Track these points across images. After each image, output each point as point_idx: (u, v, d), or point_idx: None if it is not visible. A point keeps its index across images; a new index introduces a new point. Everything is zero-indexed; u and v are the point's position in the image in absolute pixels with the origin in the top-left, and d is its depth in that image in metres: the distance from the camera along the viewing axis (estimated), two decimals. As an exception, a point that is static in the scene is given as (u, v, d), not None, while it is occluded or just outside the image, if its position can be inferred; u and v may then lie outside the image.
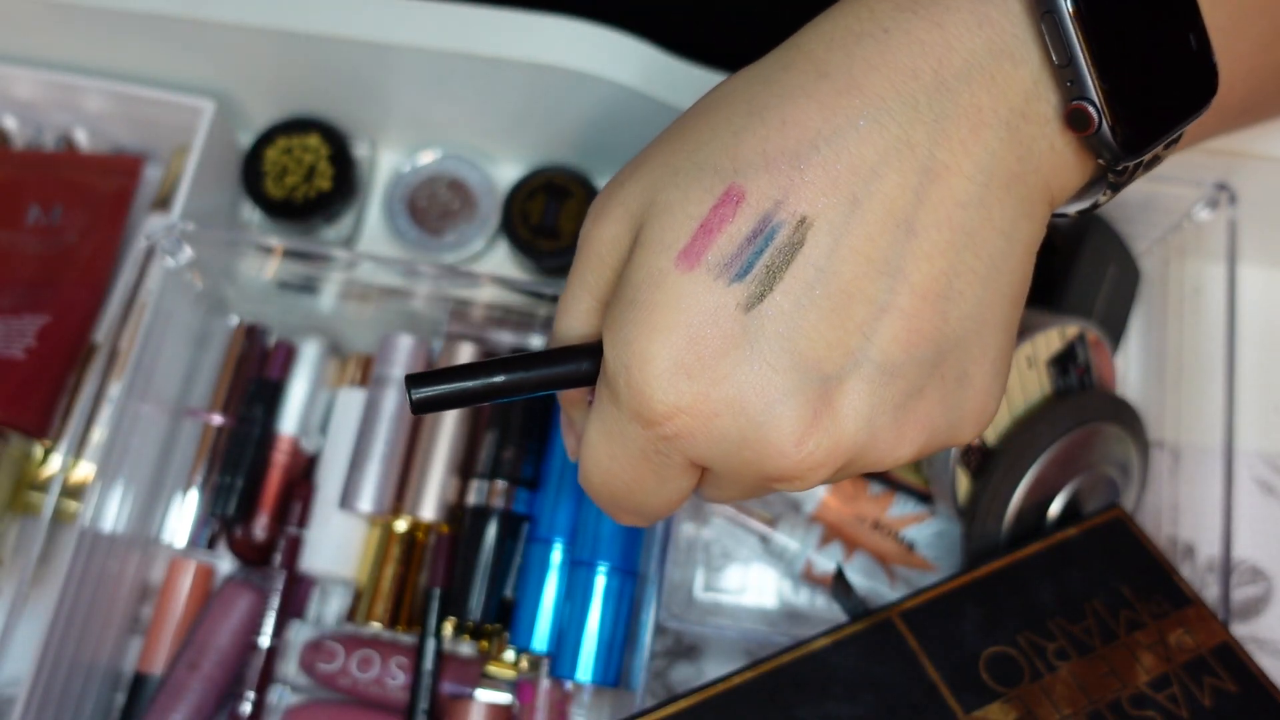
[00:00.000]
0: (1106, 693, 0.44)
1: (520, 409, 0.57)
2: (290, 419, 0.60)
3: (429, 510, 0.56)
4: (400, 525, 0.57)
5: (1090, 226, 0.58)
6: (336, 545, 0.57)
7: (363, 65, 0.60)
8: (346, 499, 0.57)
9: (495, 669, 0.56)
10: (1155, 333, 0.61)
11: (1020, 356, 0.51)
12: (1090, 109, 0.30)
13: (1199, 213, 0.57)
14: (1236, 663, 0.46)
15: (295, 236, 0.64)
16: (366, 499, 0.56)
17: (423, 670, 0.54)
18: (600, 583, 0.53)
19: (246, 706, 0.55)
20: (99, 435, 0.57)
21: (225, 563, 0.60)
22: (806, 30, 0.33)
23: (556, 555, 0.55)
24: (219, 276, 0.59)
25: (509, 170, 0.67)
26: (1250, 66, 0.37)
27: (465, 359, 0.58)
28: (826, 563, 0.56)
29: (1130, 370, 0.63)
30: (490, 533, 0.56)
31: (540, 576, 0.55)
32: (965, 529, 0.52)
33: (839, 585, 0.46)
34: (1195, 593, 0.48)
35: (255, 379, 0.60)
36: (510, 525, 0.56)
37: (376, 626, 0.56)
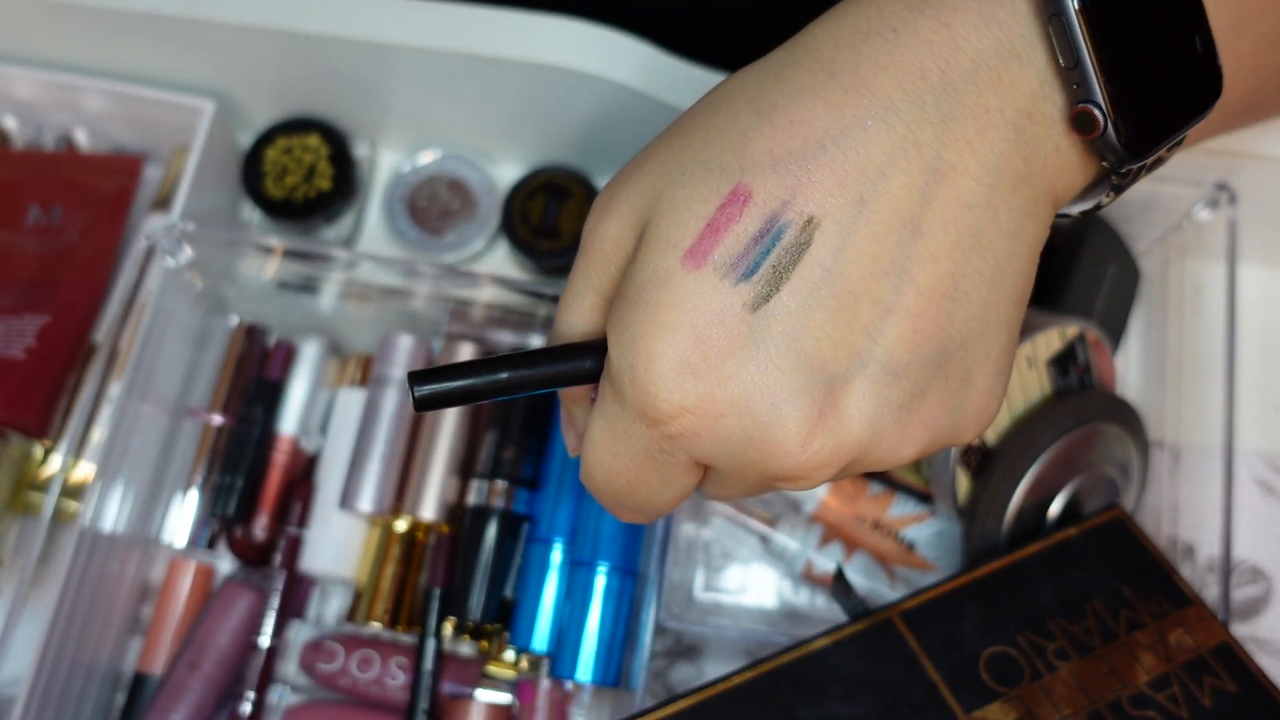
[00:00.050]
0: (1106, 693, 0.44)
1: (520, 409, 0.57)
2: (290, 419, 0.60)
3: (429, 510, 0.56)
4: (400, 525, 0.57)
5: (1090, 226, 0.58)
6: (336, 545, 0.57)
7: (363, 65, 0.60)
8: (346, 499, 0.57)
9: (495, 669, 0.56)
10: (1155, 333, 0.61)
11: (1020, 356, 0.51)
12: (1096, 112, 0.30)
13: (1199, 213, 0.57)
14: (1236, 663, 0.46)
15: (295, 236, 0.64)
16: (366, 499, 0.56)
17: (423, 670, 0.54)
18: (600, 583, 0.53)
19: (246, 706, 0.55)
20: (99, 435, 0.57)
21: (225, 563, 0.60)
22: (813, 28, 0.33)
23: (556, 555, 0.55)
24: (219, 276, 0.59)
25: (509, 170, 0.67)
26: (1252, 66, 0.37)
27: (466, 358, 0.58)
28: (826, 563, 0.56)
29: (1130, 370, 0.63)
30: (490, 533, 0.56)
31: (540, 576, 0.55)
32: (965, 529, 0.52)
33: (839, 585, 0.46)
34: (1195, 593, 0.48)
35: (255, 379, 0.60)
36: (510, 525, 0.56)
37: (376, 626, 0.56)
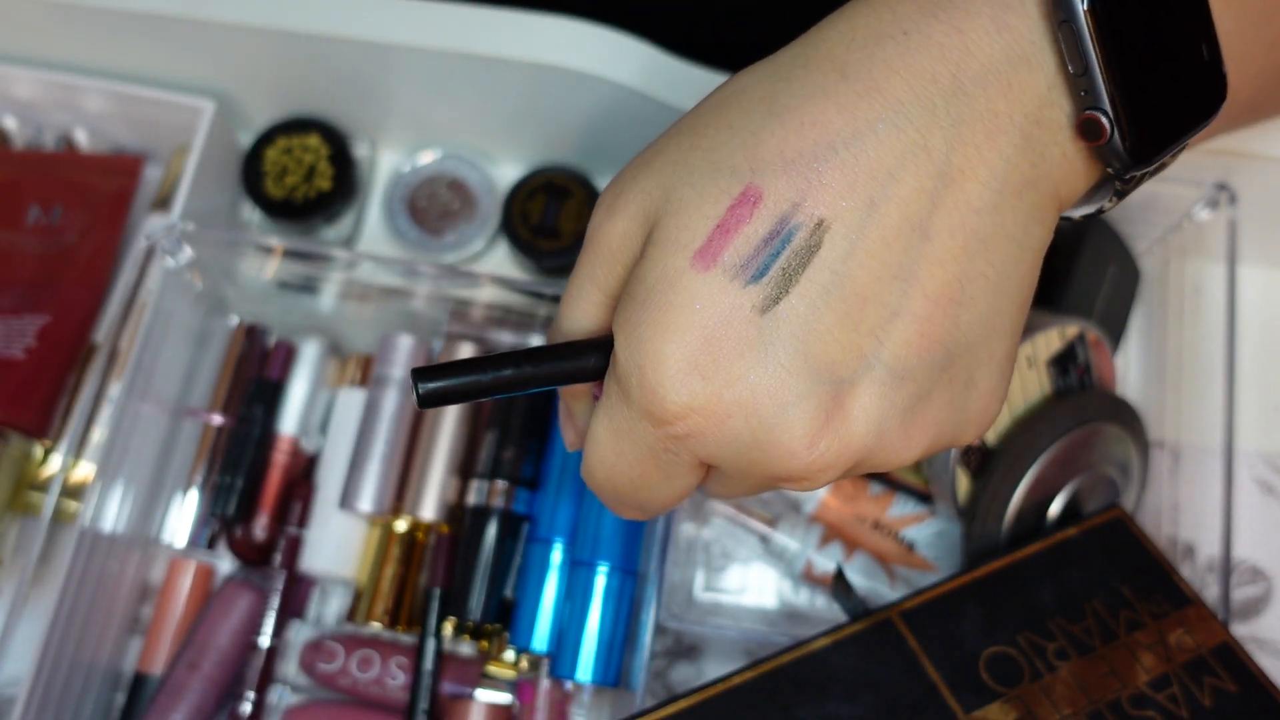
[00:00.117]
0: (1106, 693, 0.44)
1: (521, 409, 0.57)
2: (290, 419, 0.60)
3: (429, 510, 0.56)
4: (400, 525, 0.57)
5: (1090, 226, 0.58)
6: (336, 545, 0.57)
7: (363, 65, 0.60)
8: (346, 499, 0.57)
9: (495, 669, 0.56)
10: (1155, 333, 0.61)
11: (1020, 356, 0.51)
12: (1103, 119, 0.30)
13: (1199, 213, 0.57)
14: (1236, 663, 0.46)
15: (295, 236, 0.64)
16: (366, 499, 0.56)
17: (423, 670, 0.54)
18: (600, 583, 0.53)
19: (246, 706, 0.55)
20: (99, 435, 0.57)
21: (225, 563, 0.60)
22: (825, 28, 0.32)
23: (556, 555, 0.55)
24: (219, 276, 0.59)
25: (509, 170, 0.67)
26: (1257, 68, 0.37)
27: (468, 355, 0.58)
28: (826, 563, 0.56)
29: (1130, 370, 0.63)
30: (490, 533, 0.56)
31: (540, 576, 0.55)
32: (965, 529, 0.52)
33: (839, 585, 0.46)
34: (1195, 593, 0.48)
35: (255, 379, 0.60)
36: (510, 525, 0.56)
37: (376, 626, 0.56)
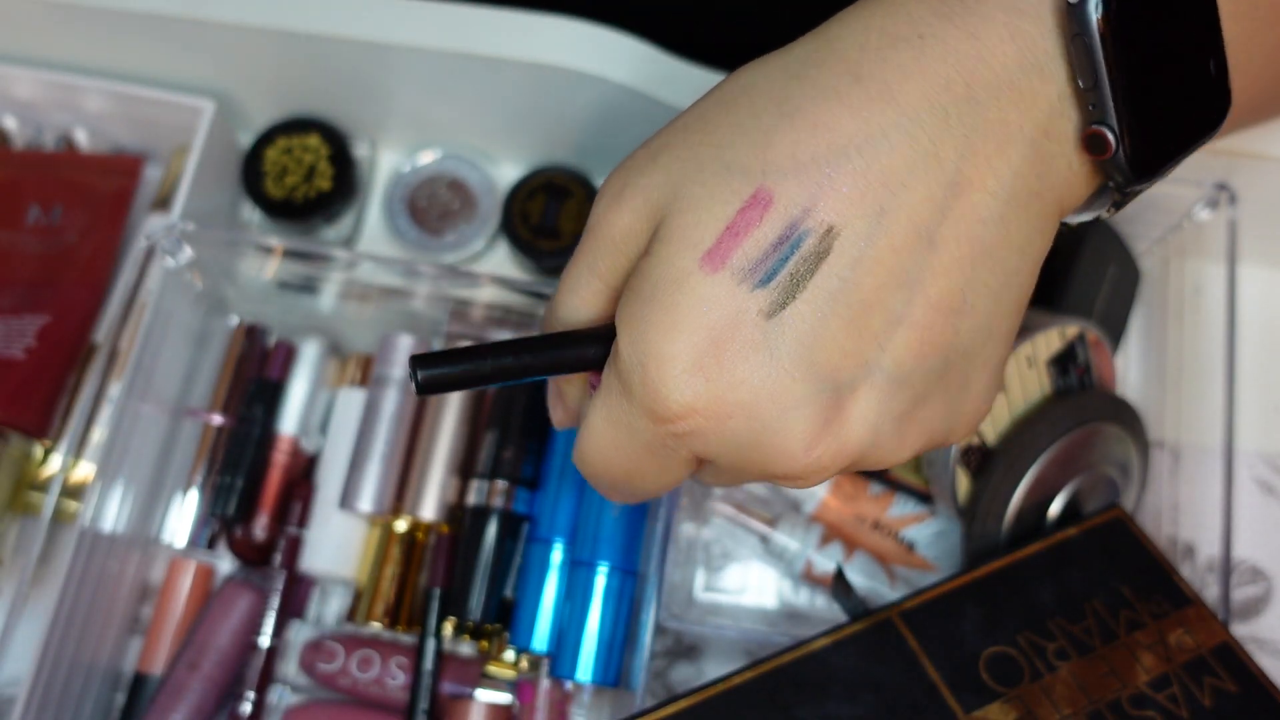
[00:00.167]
0: (1106, 693, 0.44)
1: (521, 409, 0.57)
2: (290, 419, 0.60)
3: (429, 510, 0.56)
4: (400, 525, 0.57)
5: (1090, 226, 0.58)
6: (336, 545, 0.57)
7: (363, 65, 0.60)
8: (346, 499, 0.57)
9: (495, 669, 0.56)
10: (1155, 333, 0.61)
11: (1020, 356, 0.51)
12: (1109, 135, 0.30)
13: (1199, 213, 0.57)
14: (1236, 663, 0.46)
15: (295, 236, 0.64)
16: (366, 499, 0.56)
17: (423, 670, 0.54)
18: (600, 583, 0.53)
19: (246, 706, 0.55)
20: (99, 435, 0.57)
21: (225, 563, 0.60)
22: (838, 25, 0.32)
23: (556, 555, 0.55)
24: (219, 276, 0.59)
25: (509, 170, 0.67)
26: (1262, 73, 0.37)
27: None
28: (826, 563, 0.56)
29: (1130, 370, 0.63)
30: (490, 533, 0.56)
31: (540, 576, 0.55)
32: (965, 529, 0.52)
33: (839, 585, 0.46)
34: (1195, 593, 0.48)
35: (255, 379, 0.60)
36: (510, 525, 0.56)
37: (376, 626, 0.56)
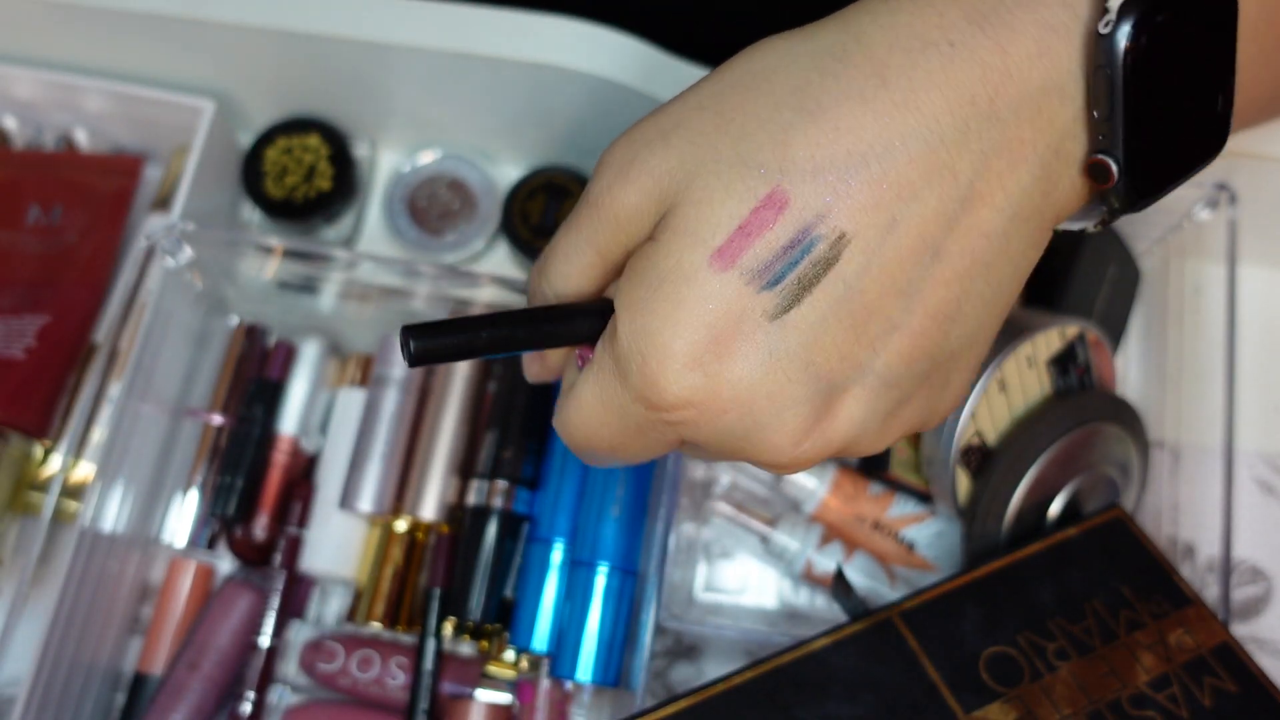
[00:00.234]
0: (1106, 693, 0.44)
1: (521, 408, 0.57)
2: (290, 419, 0.60)
3: (429, 510, 0.56)
4: (400, 525, 0.57)
5: (1090, 226, 0.58)
6: (336, 545, 0.57)
7: (363, 65, 0.60)
8: (346, 499, 0.57)
9: (495, 669, 0.56)
10: (1155, 333, 0.61)
11: (1020, 356, 0.51)
12: (1113, 165, 0.31)
13: (1199, 213, 0.57)
14: (1236, 663, 0.46)
15: (295, 236, 0.64)
16: (366, 499, 0.56)
17: (423, 670, 0.54)
18: (600, 583, 0.53)
19: (246, 706, 0.55)
20: (99, 435, 0.57)
21: (225, 563, 0.60)
22: (867, 17, 0.32)
23: (556, 555, 0.55)
24: (219, 276, 0.59)
25: (509, 170, 0.67)
26: (1266, 86, 0.37)
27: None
28: (826, 563, 0.56)
29: (1130, 370, 0.63)
30: (490, 533, 0.56)
31: (540, 576, 0.55)
32: (965, 529, 0.52)
33: (839, 585, 0.46)
34: (1195, 593, 0.48)
35: (255, 379, 0.60)
36: (510, 525, 0.56)
37: (376, 626, 0.56)
